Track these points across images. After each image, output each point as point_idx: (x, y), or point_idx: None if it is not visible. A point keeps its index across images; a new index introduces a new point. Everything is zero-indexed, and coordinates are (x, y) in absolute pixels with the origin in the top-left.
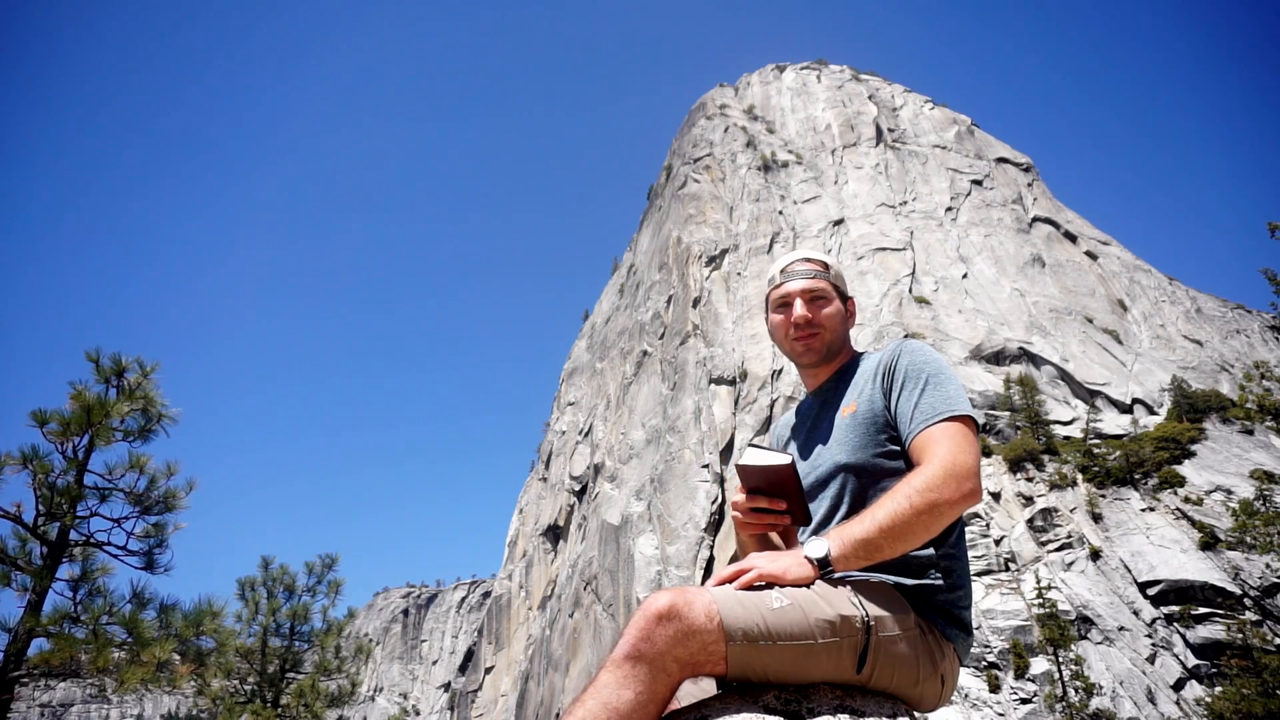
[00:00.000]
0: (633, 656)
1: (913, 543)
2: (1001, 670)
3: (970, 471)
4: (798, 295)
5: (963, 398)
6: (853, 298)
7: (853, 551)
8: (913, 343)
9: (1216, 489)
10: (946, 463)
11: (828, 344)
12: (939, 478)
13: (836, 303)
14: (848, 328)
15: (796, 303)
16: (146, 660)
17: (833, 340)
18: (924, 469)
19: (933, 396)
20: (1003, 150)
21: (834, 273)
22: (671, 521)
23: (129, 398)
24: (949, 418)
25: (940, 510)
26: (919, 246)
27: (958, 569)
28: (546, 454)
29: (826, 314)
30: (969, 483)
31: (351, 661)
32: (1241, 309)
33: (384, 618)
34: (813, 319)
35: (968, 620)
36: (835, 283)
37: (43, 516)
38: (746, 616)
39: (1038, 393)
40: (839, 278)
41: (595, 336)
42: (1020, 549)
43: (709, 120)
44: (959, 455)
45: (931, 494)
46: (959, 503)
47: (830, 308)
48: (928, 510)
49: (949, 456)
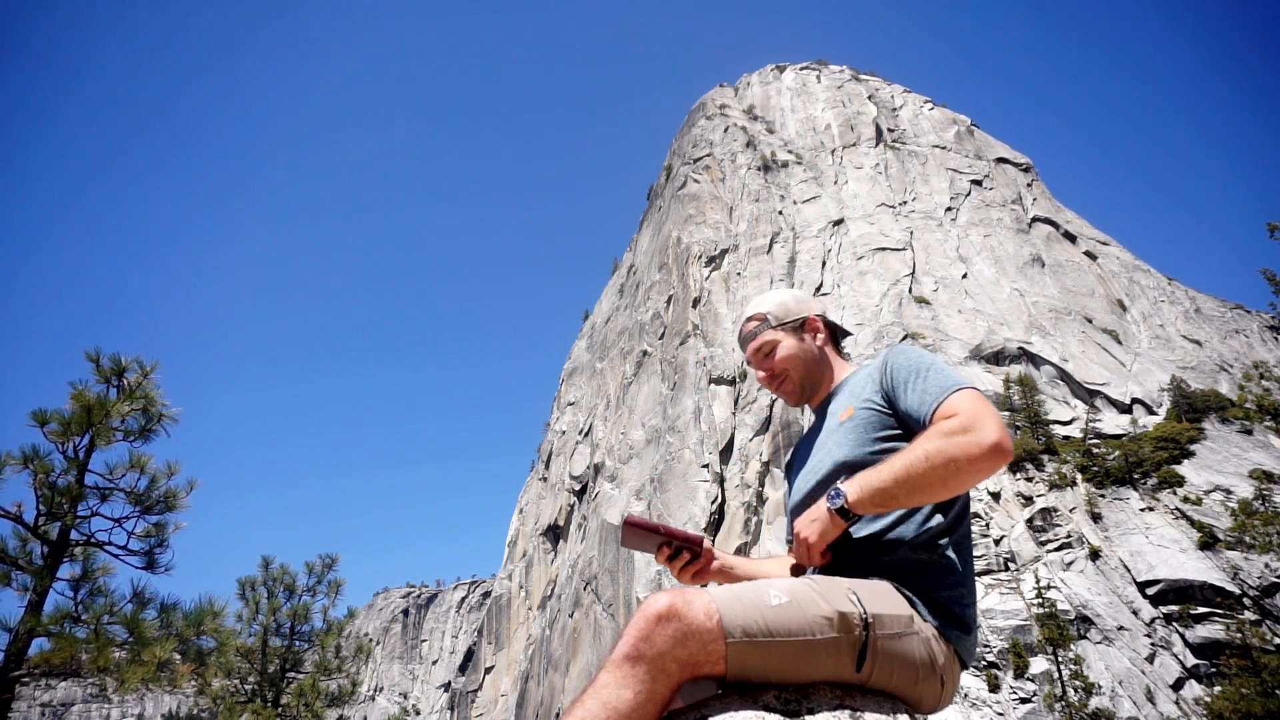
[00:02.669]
0: (632, 657)
1: (929, 495)
2: (1001, 670)
3: (987, 428)
4: (749, 360)
5: (963, 379)
6: (811, 316)
7: (869, 498)
8: (901, 346)
9: (1216, 489)
10: (963, 420)
11: (800, 381)
12: (957, 434)
13: (788, 339)
14: (816, 346)
15: (752, 370)
16: (147, 660)
17: (804, 374)
18: (943, 426)
19: (937, 379)
20: (1002, 150)
21: (775, 313)
22: (671, 521)
23: (129, 397)
24: (956, 390)
25: (958, 466)
26: (919, 246)
27: (958, 566)
28: (546, 454)
29: (782, 359)
30: (992, 437)
31: (352, 661)
32: (1241, 309)
33: (384, 618)
34: (772, 372)
35: (969, 619)
36: (780, 322)
37: (43, 516)
38: (745, 614)
39: (1037, 393)
40: (784, 310)
41: (595, 336)
42: (1020, 549)
43: (709, 120)
44: (980, 413)
45: (948, 450)
46: (979, 459)
47: (783, 350)
48: (943, 465)
49: (971, 412)
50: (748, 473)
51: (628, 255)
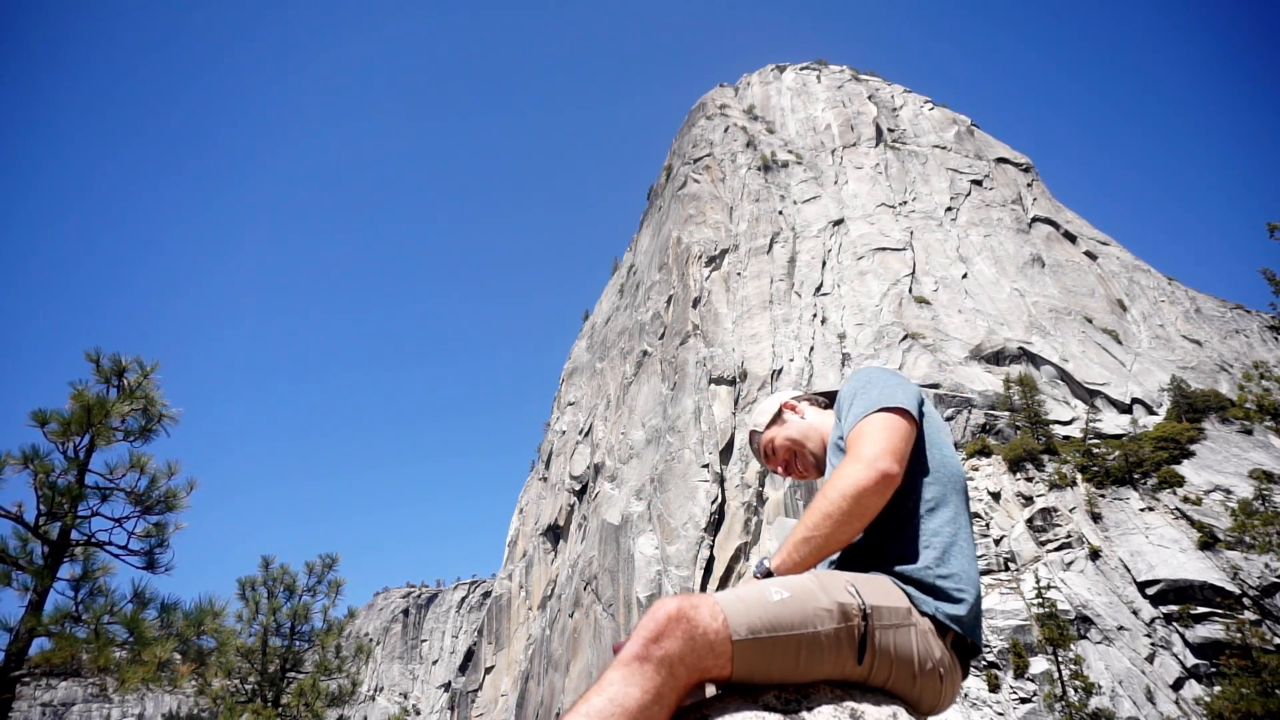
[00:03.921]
0: (641, 657)
1: (846, 530)
2: (1001, 670)
3: (878, 454)
4: (770, 468)
5: (888, 396)
6: (784, 403)
7: (794, 551)
8: (858, 370)
9: (1215, 489)
10: (856, 453)
11: (811, 454)
12: (849, 467)
13: (779, 431)
14: (800, 419)
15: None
16: (147, 659)
17: (804, 445)
18: (842, 464)
19: (859, 405)
20: (1002, 150)
21: (761, 421)
22: (671, 521)
23: (129, 398)
24: (866, 415)
25: (860, 496)
26: (919, 246)
27: (958, 557)
28: (547, 454)
29: (781, 448)
30: (879, 464)
31: (352, 661)
32: (1241, 309)
33: (384, 617)
34: (786, 461)
35: (965, 614)
36: (766, 425)
37: (44, 516)
38: (749, 611)
39: (1037, 393)
40: (765, 415)
41: (595, 336)
42: (1020, 549)
43: (709, 120)
44: (866, 445)
45: (844, 484)
46: (872, 485)
47: (778, 442)
48: (844, 499)
49: (858, 448)
50: (748, 473)
51: (628, 255)
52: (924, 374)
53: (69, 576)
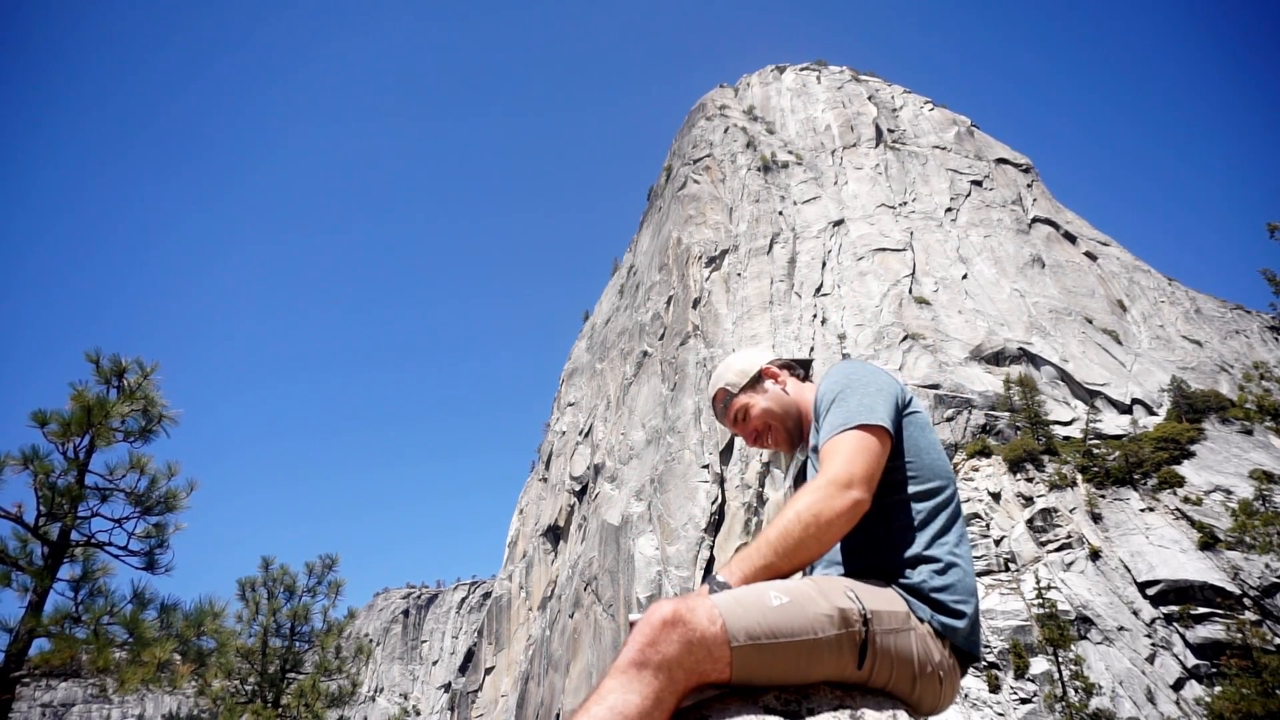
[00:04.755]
0: (639, 663)
1: (807, 555)
2: (1001, 670)
3: (850, 480)
4: (733, 430)
5: (865, 409)
6: (764, 367)
7: (752, 574)
8: (832, 369)
9: (1216, 489)
10: (829, 475)
11: (783, 427)
12: (820, 491)
13: (756, 399)
14: (781, 389)
15: (737, 438)
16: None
17: (783, 418)
18: (810, 484)
19: (833, 417)
20: (1002, 151)
21: (734, 380)
22: (671, 522)
23: (129, 398)
24: (843, 430)
25: (827, 521)
26: (919, 247)
27: (955, 566)
28: (546, 454)
29: (756, 416)
30: (851, 491)
31: (352, 662)
32: (1241, 309)
33: (384, 618)
34: (756, 431)
35: (964, 626)
36: (742, 387)
37: (44, 517)
38: (747, 616)
39: (1037, 393)
40: (740, 374)
41: (595, 337)
42: (1020, 549)
43: (709, 121)
44: (840, 467)
45: (814, 507)
46: (843, 513)
47: (755, 410)
48: (813, 523)
49: (831, 470)
50: (748, 473)
51: (628, 256)
52: (924, 375)
53: (69, 577)
